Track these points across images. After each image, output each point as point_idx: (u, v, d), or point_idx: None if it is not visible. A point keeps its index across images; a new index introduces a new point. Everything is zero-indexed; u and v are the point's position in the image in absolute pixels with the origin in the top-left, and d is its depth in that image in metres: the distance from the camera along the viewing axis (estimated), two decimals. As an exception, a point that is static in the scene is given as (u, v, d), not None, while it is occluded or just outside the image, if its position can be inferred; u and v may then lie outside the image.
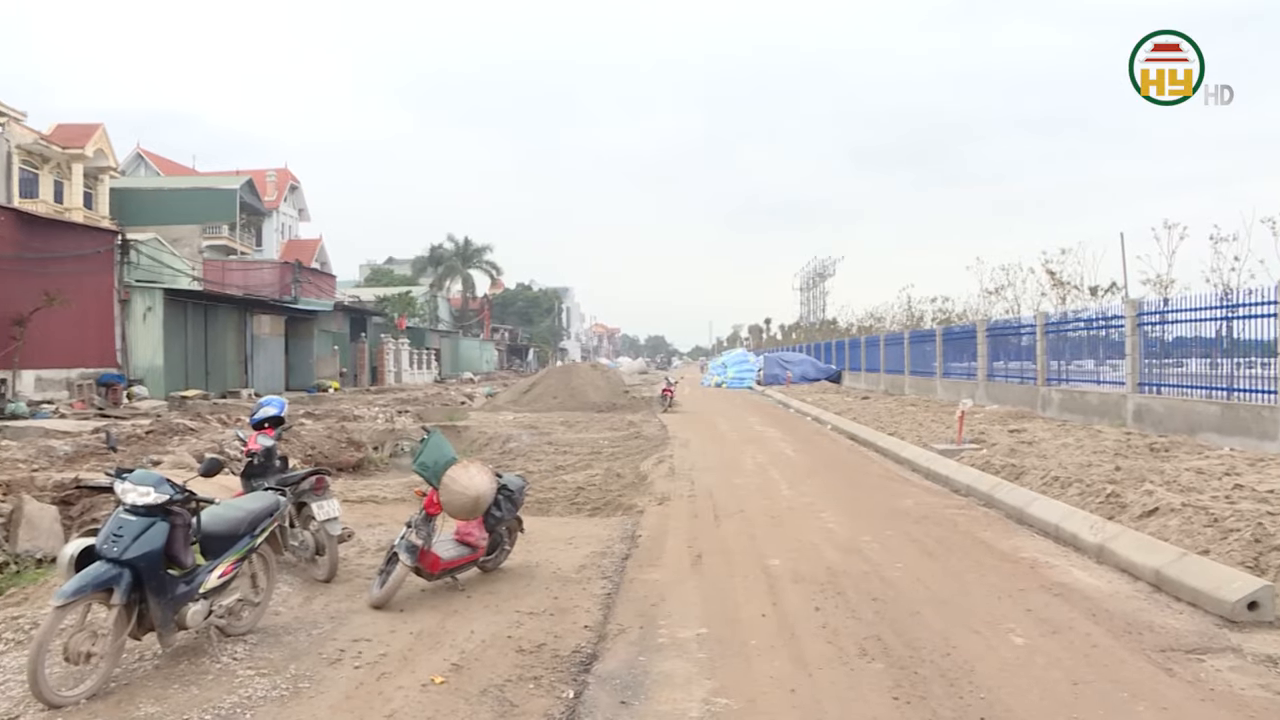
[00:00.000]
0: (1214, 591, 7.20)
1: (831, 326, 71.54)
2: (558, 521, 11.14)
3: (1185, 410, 17.14)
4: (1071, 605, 7.46)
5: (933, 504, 12.39)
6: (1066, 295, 26.83)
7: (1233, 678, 5.84)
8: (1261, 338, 15.63)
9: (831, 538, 10.14)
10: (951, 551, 9.51)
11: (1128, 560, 8.51)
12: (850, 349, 51.40)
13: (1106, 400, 20.28)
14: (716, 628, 6.90)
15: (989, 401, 26.28)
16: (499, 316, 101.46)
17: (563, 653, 6.31)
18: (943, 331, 33.68)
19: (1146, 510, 9.56)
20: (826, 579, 8.30)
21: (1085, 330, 23.41)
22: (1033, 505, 11.01)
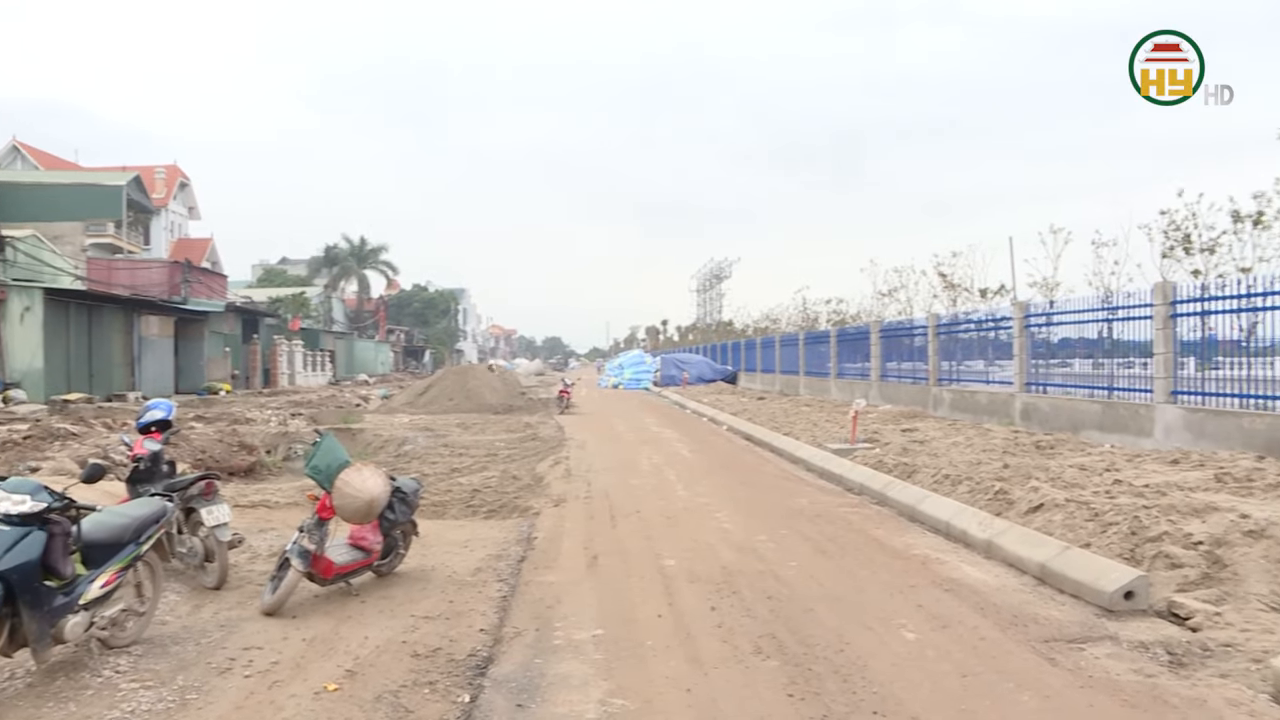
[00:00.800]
0: (1094, 583, 7.44)
1: (728, 328, 72.09)
2: (453, 524, 11.05)
3: (1069, 409, 17.64)
4: (961, 600, 7.62)
5: (827, 503, 12.56)
6: (957, 297, 27.48)
7: (1110, 664, 6.06)
8: (1139, 339, 16.16)
9: (727, 537, 10.21)
10: (845, 549, 9.65)
11: (1014, 555, 8.73)
12: (746, 350, 51.84)
13: (995, 400, 20.77)
14: (613, 629, 6.90)
15: (882, 401, 26.71)
16: (395, 318, 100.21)
17: (458, 657, 6.25)
18: (837, 333, 34.17)
19: (1032, 506, 9.80)
20: (722, 578, 8.35)
21: (975, 331, 23.94)
22: (924, 503, 11.22)
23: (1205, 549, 7.60)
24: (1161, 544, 7.90)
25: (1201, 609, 6.83)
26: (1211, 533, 7.78)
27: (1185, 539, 7.84)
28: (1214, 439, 13.61)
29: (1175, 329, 15.11)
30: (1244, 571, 7.27)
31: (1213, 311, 14.65)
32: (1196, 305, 14.90)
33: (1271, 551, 7.42)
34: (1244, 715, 5.19)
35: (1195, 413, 14.30)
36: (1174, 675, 5.83)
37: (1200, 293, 15.06)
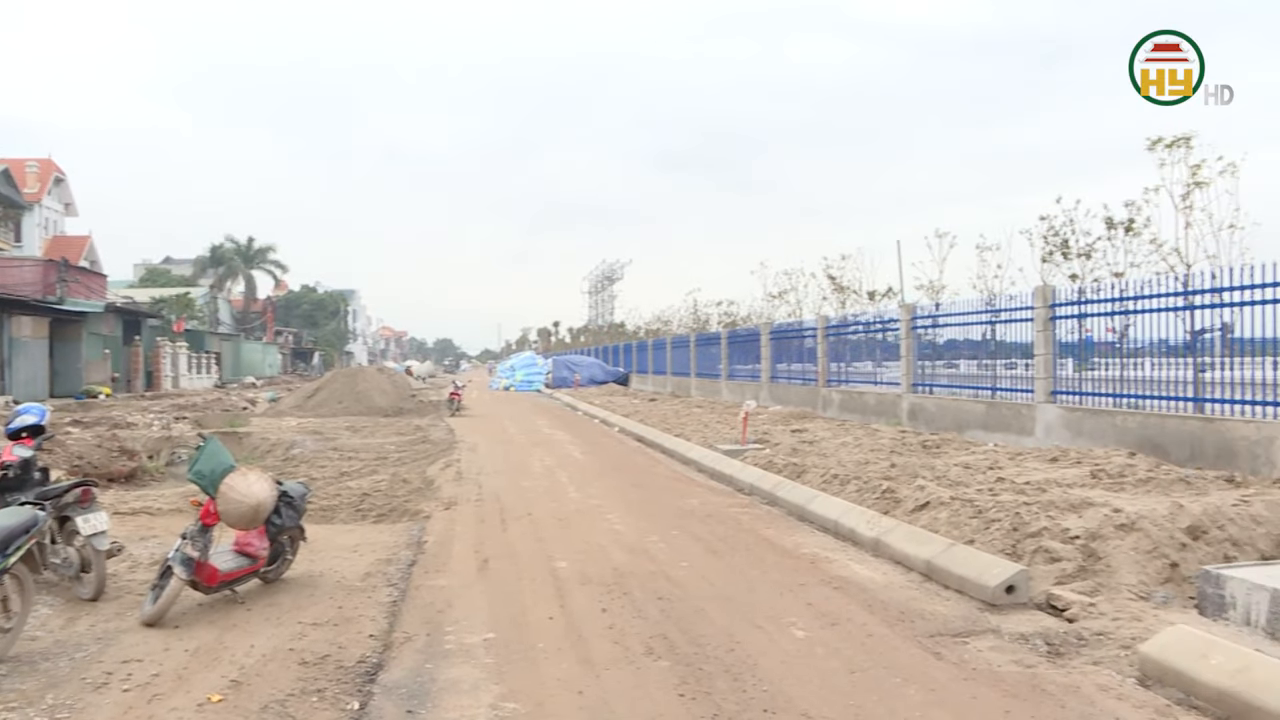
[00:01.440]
0: (977, 578, 7.62)
1: (620, 329, 72.26)
2: (342, 529, 10.88)
3: (955, 409, 18.04)
4: (849, 597, 7.74)
5: (718, 503, 12.65)
6: (846, 299, 27.88)
7: (992, 656, 6.22)
8: (1021, 340, 16.61)
9: (619, 539, 10.23)
10: (736, 549, 9.73)
11: (901, 552, 8.89)
12: (638, 352, 52.03)
13: (883, 400, 21.14)
14: (504, 632, 6.86)
15: (773, 402, 27.01)
16: (283, 319, 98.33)
17: (347, 663, 6.14)
18: (728, 334, 34.45)
19: (919, 504, 9.99)
20: (613, 580, 8.36)
21: (864, 333, 24.34)
22: (813, 502, 11.36)
23: (1081, 543, 7.84)
24: (1041, 539, 8.13)
25: (1077, 600, 7.06)
26: (1087, 527, 8.03)
27: (1063, 534, 8.08)
28: (1091, 437, 14.05)
29: (1055, 331, 15.57)
30: (1116, 563, 7.55)
31: (1089, 314, 15.12)
32: (1074, 308, 15.37)
33: (1141, 544, 7.70)
34: (1113, 699, 5.39)
35: (1073, 412, 14.75)
36: (1051, 664, 6.01)
37: (1078, 296, 15.53)
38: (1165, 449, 12.51)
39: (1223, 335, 13.16)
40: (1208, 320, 13.17)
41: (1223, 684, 5.10)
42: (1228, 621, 6.54)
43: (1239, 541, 7.89)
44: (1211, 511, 8.17)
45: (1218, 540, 7.87)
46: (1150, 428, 13.03)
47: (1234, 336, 12.84)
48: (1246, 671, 5.09)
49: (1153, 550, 7.68)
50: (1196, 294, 13.17)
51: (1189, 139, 14.61)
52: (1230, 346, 12.96)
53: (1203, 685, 5.20)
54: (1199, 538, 7.86)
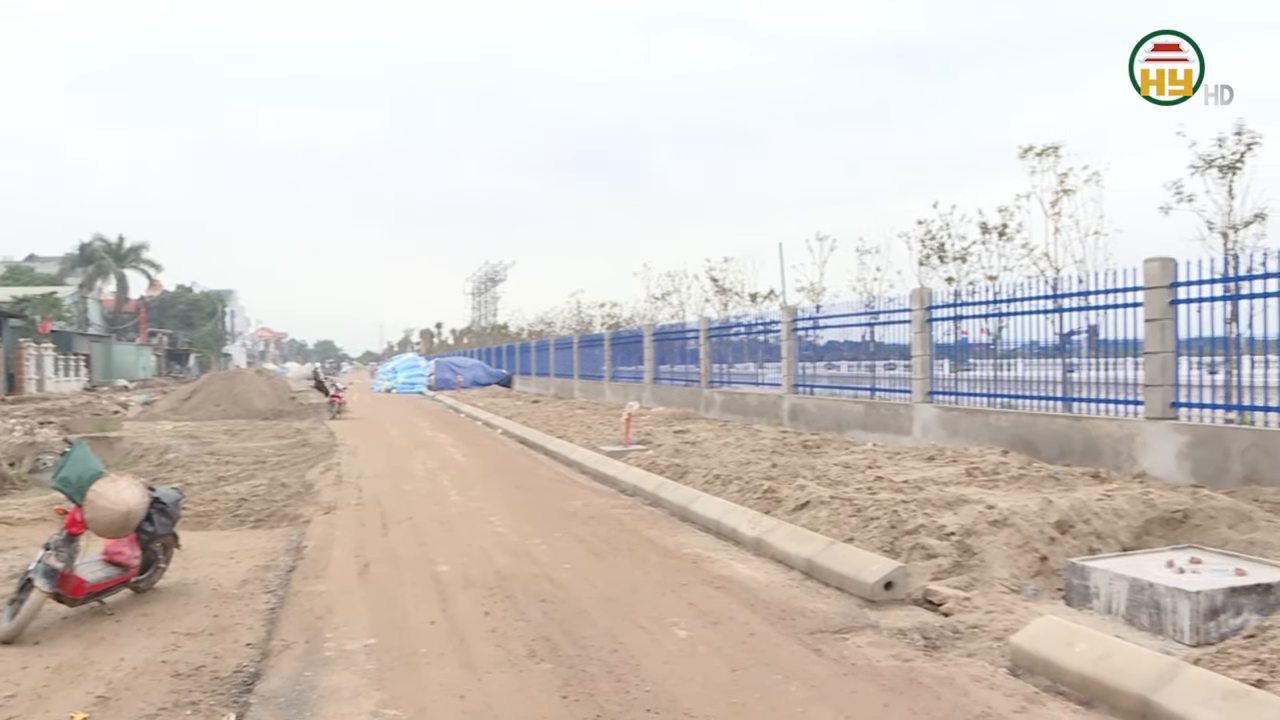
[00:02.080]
0: (856, 575, 7.74)
1: (503, 331, 71.84)
2: (219, 535, 10.59)
3: (835, 409, 18.34)
4: (731, 597, 7.80)
5: (601, 504, 12.66)
6: (729, 301, 28.11)
7: (871, 652, 6.32)
8: (900, 342, 16.97)
9: (501, 541, 10.17)
10: (618, 550, 9.74)
11: (783, 551, 8.99)
12: (521, 353, 51.88)
13: (765, 401, 21.40)
14: (385, 637, 6.76)
15: (656, 403, 27.14)
16: (157, 320, 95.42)
17: (223, 674, 5.96)
18: (611, 336, 34.52)
19: (799, 504, 10.11)
20: (496, 583, 8.30)
21: (746, 335, 24.60)
22: (696, 503, 11.43)
23: (957, 539, 8.03)
24: (918, 536, 8.30)
25: (953, 595, 7.22)
26: (962, 524, 8.22)
27: (939, 531, 8.27)
28: (966, 436, 14.42)
29: (931, 333, 15.94)
30: (989, 558, 7.75)
31: (964, 316, 15.53)
32: (950, 310, 15.76)
33: (1013, 539, 7.93)
34: (985, 689, 5.53)
35: (949, 411, 15.12)
36: (928, 658, 6.14)
37: (953, 299, 15.93)
38: (1036, 447, 12.90)
39: (1089, 337, 13.62)
40: (1076, 322, 13.62)
41: (1086, 670, 5.29)
42: (1092, 611, 6.78)
43: (1103, 534, 8.17)
44: (1078, 506, 8.45)
45: (1084, 534, 8.14)
46: (1022, 426, 13.43)
47: (1100, 338, 13.30)
48: (1107, 658, 5.29)
49: (1024, 545, 7.91)
50: (1065, 297, 13.61)
51: (1057, 148, 15.05)
52: (1096, 348, 13.42)
53: (1068, 672, 5.38)
54: (1066, 532, 8.12)
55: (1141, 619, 6.42)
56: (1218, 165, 12.27)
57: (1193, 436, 10.94)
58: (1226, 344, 11.27)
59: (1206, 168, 12.35)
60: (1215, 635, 5.98)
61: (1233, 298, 10.99)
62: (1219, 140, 12.24)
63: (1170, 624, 6.21)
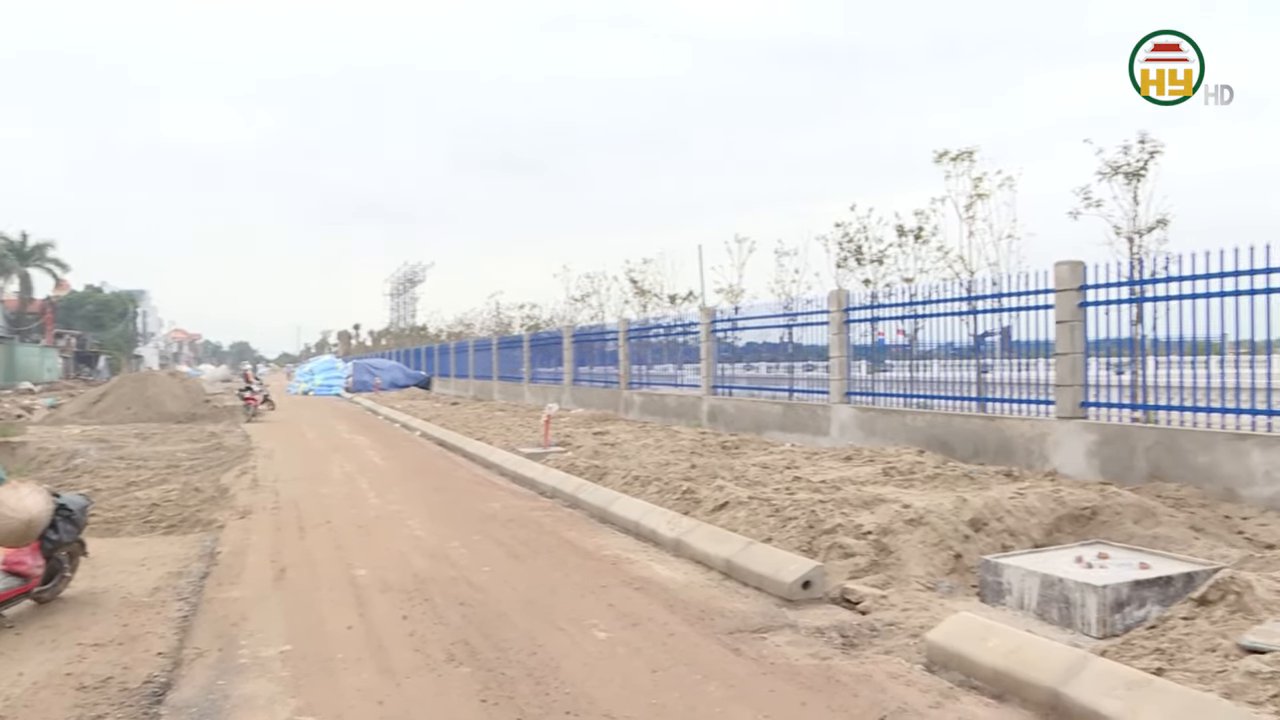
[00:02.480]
0: (775, 575, 7.79)
1: (422, 333, 71.34)
2: (129, 542, 10.35)
3: (754, 410, 18.47)
4: (651, 598, 7.81)
5: (520, 507, 12.61)
6: (648, 303, 28.20)
7: (789, 650, 6.36)
8: (818, 343, 17.14)
9: (420, 545, 10.08)
10: (538, 553, 9.71)
11: (702, 552, 9.02)
12: (440, 355, 51.56)
13: (684, 402, 21.48)
14: (301, 643, 6.66)
15: (575, 405, 27.12)
16: (65, 320, 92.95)
17: (132, 685, 5.80)
18: (530, 338, 34.43)
19: (718, 504, 10.16)
20: (414, 587, 8.23)
21: (665, 336, 24.67)
22: (615, 504, 11.43)
23: (873, 538, 8.13)
24: (836, 535, 8.38)
25: (870, 593, 7.31)
26: (879, 523, 8.33)
27: (856, 529, 8.36)
28: (883, 436, 14.60)
29: (849, 334, 16.13)
30: (905, 556, 7.86)
31: (881, 318, 15.74)
32: (867, 312, 15.96)
33: (928, 537, 8.06)
34: (901, 685, 5.60)
35: (866, 412, 15.30)
36: (846, 656, 6.20)
37: (870, 300, 16.13)
38: (951, 446, 13.11)
39: (1003, 338, 13.87)
40: (990, 324, 13.87)
41: (998, 664, 5.39)
42: (1005, 606, 6.91)
43: (1015, 531, 8.34)
44: (991, 504, 8.62)
45: (997, 531, 8.30)
46: (938, 426, 13.63)
47: (1013, 339, 13.56)
48: (1019, 652, 5.40)
49: (939, 543, 8.04)
50: (979, 299, 13.85)
51: (971, 153, 15.31)
52: (1009, 349, 13.68)
53: (982, 667, 5.48)
54: (980, 529, 8.27)
55: (1052, 613, 6.56)
56: (1123, 172, 12.58)
57: (1101, 435, 11.20)
58: (1132, 345, 11.56)
59: (1113, 174, 12.66)
60: (1121, 627, 6.14)
61: (1138, 300, 11.28)
62: (1124, 148, 12.56)
63: (1079, 618, 6.36)
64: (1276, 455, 9.35)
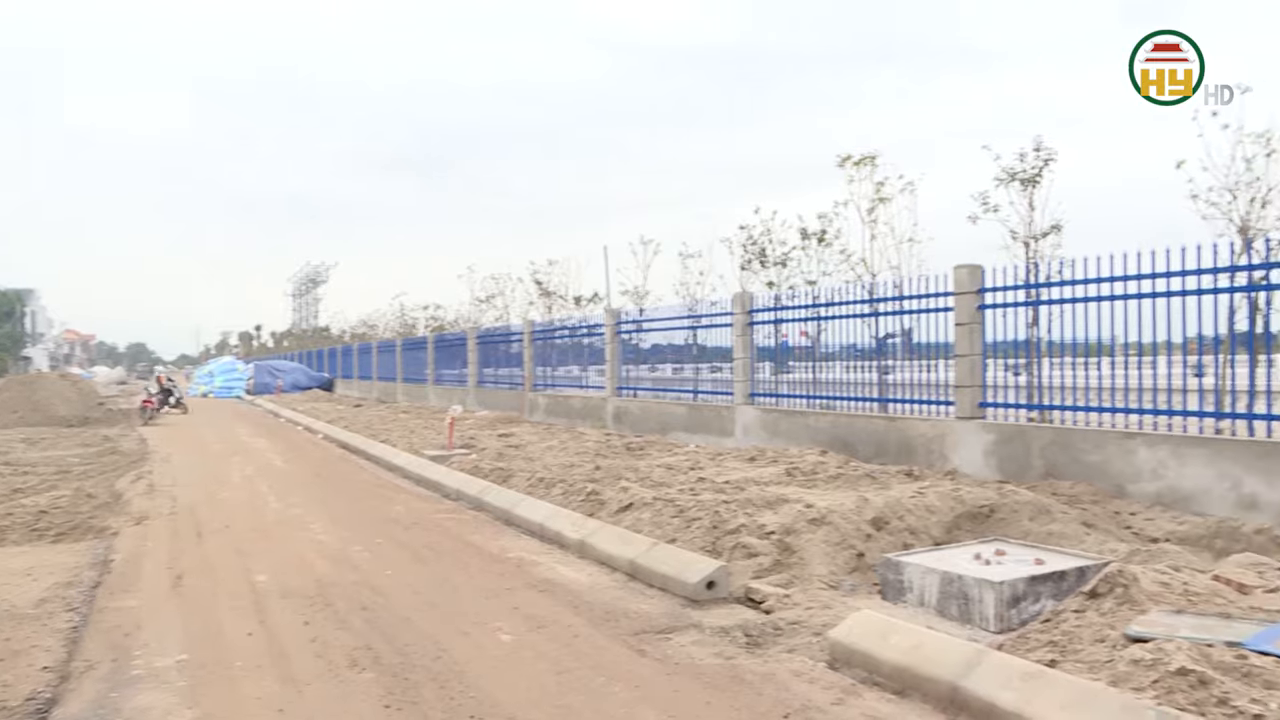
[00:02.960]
0: (679, 575, 7.82)
1: (325, 334, 70.44)
2: (14, 552, 10.00)
3: (658, 411, 18.53)
4: (556, 600, 7.79)
5: (424, 510, 12.50)
6: (553, 304, 28.13)
7: (694, 650, 6.39)
8: (722, 345, 17.26)
9: (322, 549, 9.93)
10: (441, 556, 9.63)
11: (606, 553, 9.02)
12: (344, 356, 50.98)
13: (589, 404, 21.47)
14: (199, 652, 6.50)
15: (480, 407, 26.97)
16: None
17: (13, 703, 5.55)
18: (435, 339, 34.19)
19: (623, 506, 10.18)
20: (316, 592, 8.10)
21: (570, 338, 24.64)
22: (520, 506, 11.38)
23: (777, 538, 8.20)
24: (739, 535, 8.44)
25: (773, 592, 7.38)
26: (782, 523, 8.40)
27: (760, 530, 8.42)
28: (786, 437, 14.75)
29: (753, 336, 16.26)
30: (808, 556, 7.95)
31: (785, 320, 15.89)
32: (770, 314, 16.11)
33: (831, 536, 8.15)
34: (805, 683, 5.67)
35: (770, 413, 15.45)
36: (750, 655, 6.25)
37: (774, 303, 16.29)
38: (854, 447, 13.29)
39: (904, 340, 14.11)
40: (891, 326, 14.09)
41: (899, 661, 5.48)
42: (906, 604, 7.03)
43: (916, 530, 8.49)
44: (893, 503, 8.77)
45: (898, 530, 8.44)
46: (840, 427, 13.81)
47: (914, 341, 13.80)
48: (919, 648, 5.49)
49: (841, 542, 8.14)
50: (881, 301, 14.06)
51: (874, 158, 15.53)
52: (911, 350, 13.92)
53: (883, 663, 5.56)
54: (882, 528, 8.40)
55: (952, 610, 6.69)
56: (1020, 178, 12.87)
57: (999, 435, 11.44)
58: (1029, 347, 11.84)
59: (1010, 180, 12.94)
60: (1017, 621, 6.29)
61: (1033, 304, 11.55)
62: (1020, 155, 12.86)
63: (977, 613, 6.50)
64: (1161, 452, 9.65)
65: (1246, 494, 8.90)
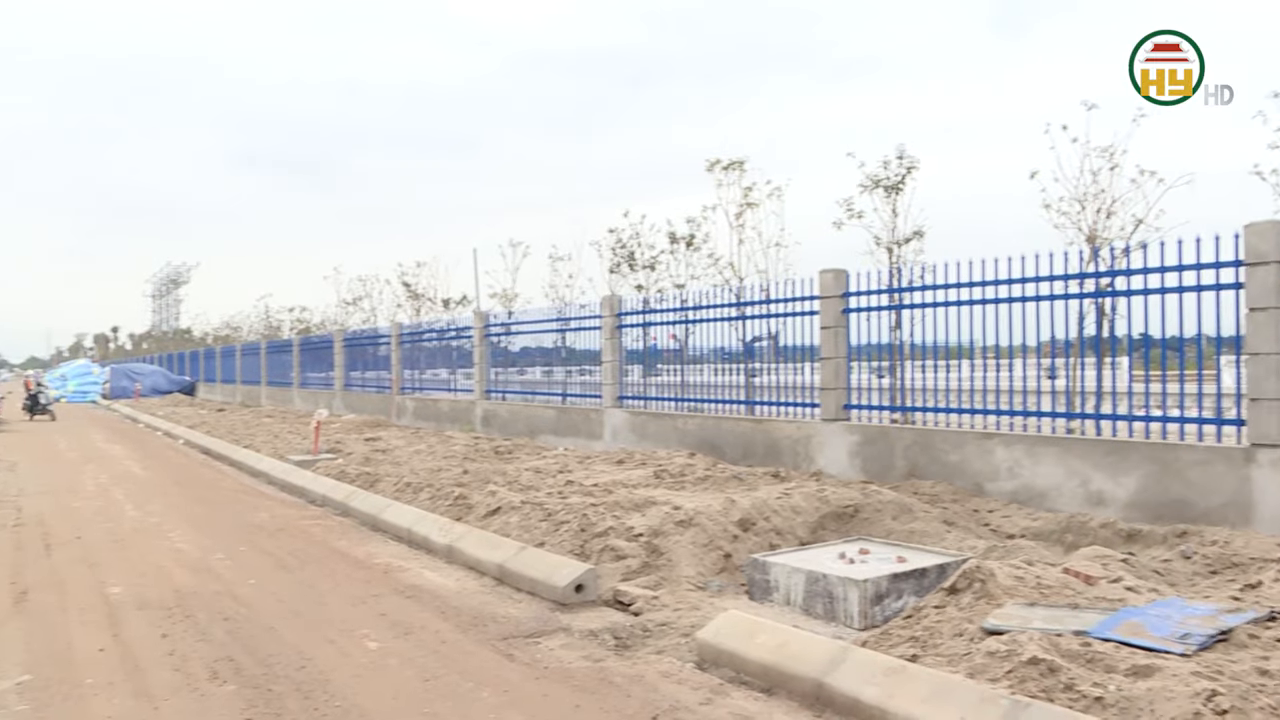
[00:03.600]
0: (548, 579, 7.80)
1: (186, 336, 68.64)
2: None
3: (527, 414, 18.47)
4: (423, 606, 7.70)
5: (289, 516, 12.23)
6: (422, 307, 27.91)
7: (563, 654, 6.38)
8: (591, 348, 17.28)
9: (181, 558, 9.64)
10: (306, 563, 9.44)
11: (474, 558, 8.95)
12: (206, 360, 49.68)
13: (458, 407, 21.30)
14: (45, 671, 6.19)
15: (347, 411, 26.55)
16: None
17: None
18: (300, 341, 33.55)
19: (491, 510, 10.12)
20: (175, 603, 7.84)
21: (438, 341, 24.42)
22: (386, 511, 11.23)
23: (645, 540, 8.24)
24: (608, 538, 8.46)
25: (642, 594, 7.40)
26: (650, 525, 8.44)
27: (628, 532, 8.45)
28: (655, 439, 14.83)
29: (621, 339, 16.32)
30: (677, 557, 8.00)
31: (653, 323, 15.99)
32: (639, 317, 16.19)
33: (699, 538, 8.23)
34: (673, 684, 5.69)
35: (638, 416, 15.52)
36: (619, 657, 6.26)
37: (643, 306, 16.38)
38: (722, 449, 13.43)
39: (771, 343, 14.33)
40: (759, 329, 14.30)
41: (766, 659, 5.55)
42: (773, 603, 7.13)
43: (782, 530, 8.63)
44: (759, 505, 8.89)
45: (765, 530, 8.56)
46: (708, 429, 13.95)
47: (781, 344, 14.02)
48: (785, 646, 5.58)
49: (709, 543, 8.22)
50: (748, 305, 14.25)
51: (742, 163, 15.78)
52: (778, 353, 14.13)
53: (751, 662, 5.63)
54: (749, 529, 8.51)
55: (817, 608, 6.81)
56: (883, 185, 13.20)
57: (863, 436, 11.69)
58: (892, 350, 12.13)
59: (874, 187, 13.27)
60: (880, 618, 6.44)
61: (896, 308, 11.84)
62: (884, 163, 13.19)
63: (842, 611, 6.63)
64: (1017, 452, 9.98)
65: (1094, 490, 9.27)
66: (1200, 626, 5.00)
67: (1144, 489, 8.92)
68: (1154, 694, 4.29)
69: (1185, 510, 8.54)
